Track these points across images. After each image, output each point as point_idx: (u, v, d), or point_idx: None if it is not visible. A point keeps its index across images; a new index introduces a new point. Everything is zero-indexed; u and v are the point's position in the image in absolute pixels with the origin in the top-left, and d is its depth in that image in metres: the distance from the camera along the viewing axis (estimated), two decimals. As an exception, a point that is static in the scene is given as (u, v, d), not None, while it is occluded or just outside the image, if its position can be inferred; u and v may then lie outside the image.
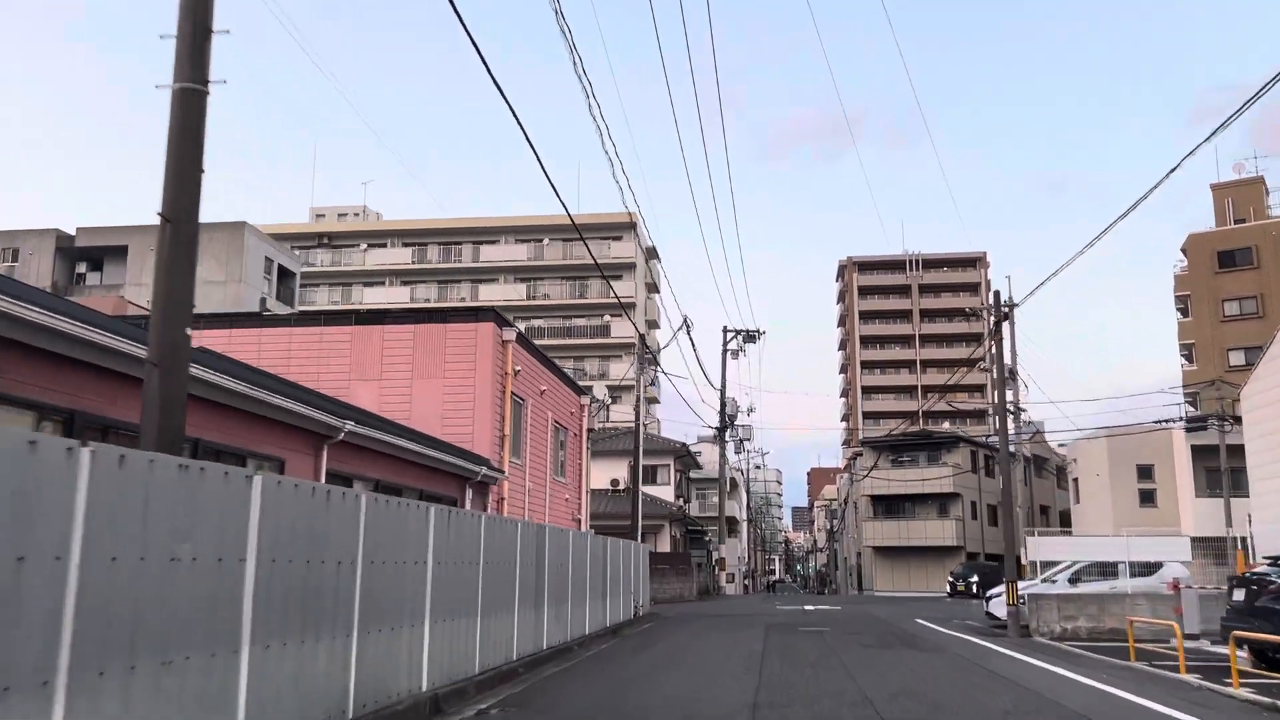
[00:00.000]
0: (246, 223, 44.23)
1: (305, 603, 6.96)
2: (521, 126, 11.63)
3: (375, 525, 8.41)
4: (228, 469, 6.03)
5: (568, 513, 25.75)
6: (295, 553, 6.80)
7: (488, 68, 9.87)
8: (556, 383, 24.84)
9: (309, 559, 7.02)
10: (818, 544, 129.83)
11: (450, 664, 10.22)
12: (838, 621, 23.68)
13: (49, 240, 45.76)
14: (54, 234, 45.75)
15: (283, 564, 6.67)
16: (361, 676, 7.90)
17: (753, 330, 47.83)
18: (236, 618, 6.03)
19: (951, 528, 56.61)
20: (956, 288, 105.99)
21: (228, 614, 5.92)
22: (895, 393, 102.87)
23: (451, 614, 10.26)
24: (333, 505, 7.66)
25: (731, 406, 47.02)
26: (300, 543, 6.90)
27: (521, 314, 65.95)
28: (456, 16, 8.66)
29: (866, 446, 63.22)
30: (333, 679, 7.43)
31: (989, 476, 61.95)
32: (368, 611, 8.13)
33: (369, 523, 8.25)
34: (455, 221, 70.04)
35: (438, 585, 9.90)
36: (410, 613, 9.19)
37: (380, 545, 8.47)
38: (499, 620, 12.10)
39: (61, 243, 46.01)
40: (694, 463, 51.70)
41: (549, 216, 65.43)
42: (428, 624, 9.59)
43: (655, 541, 41.63)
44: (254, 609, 6.28)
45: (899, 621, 24.20)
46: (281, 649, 6.61)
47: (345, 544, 7.82)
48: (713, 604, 35.34)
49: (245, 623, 6.14)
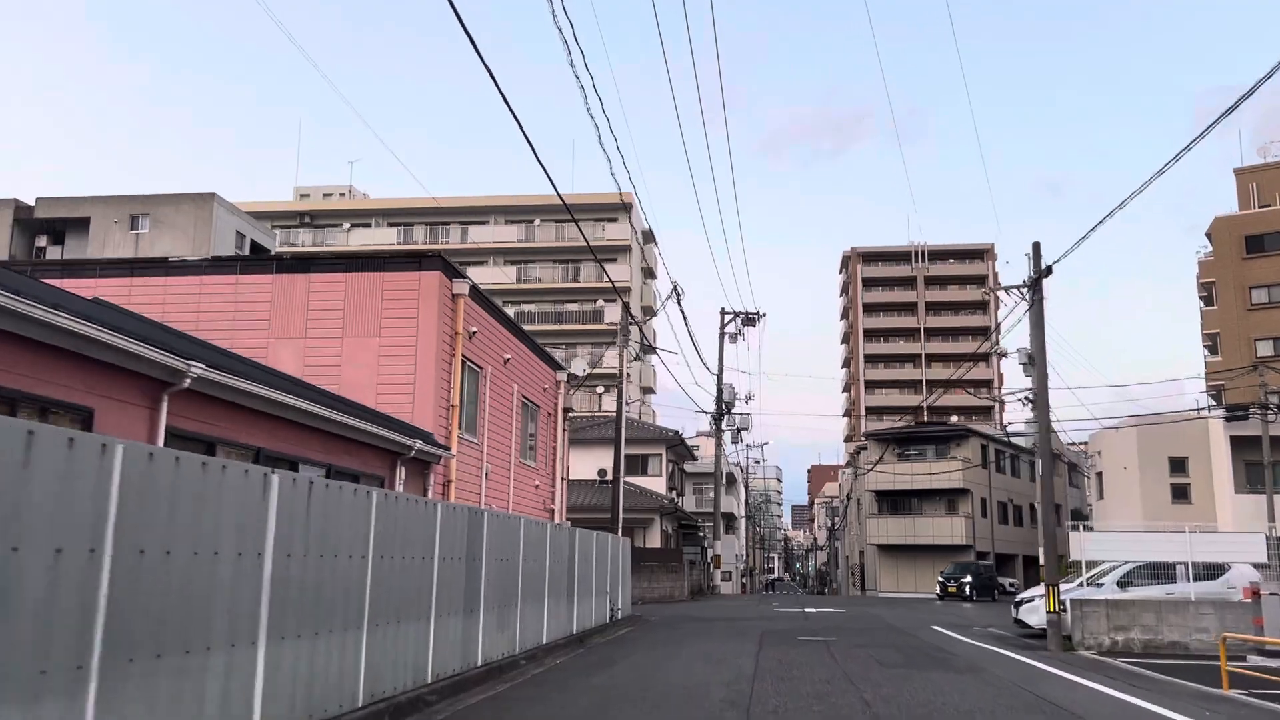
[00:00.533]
0: (216, 194, 41.18)
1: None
2: (495, 81, 8.84)
3: (148, 495, 5.39)
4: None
5: (538, 502, 22.69)
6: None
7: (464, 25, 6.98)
8: (526, 353, 21.77)
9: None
10: (817, 542, 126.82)
11: (307, 697, 7.19)
12: (843, 628, 20.64)
13: (7, 211, 42.76)
14: (12, 204, 42.82)
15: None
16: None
17: (752, 312, 44.85)
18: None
19: (960, 525, 53.46)
20: (963, 280, 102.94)
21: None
22: (899, 387, 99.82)
23: (312, 626, 7.23)
24: (39, 453, 4.64)
25: (729, 393, 43.94)
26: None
27: (511, 298, 62.88)
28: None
29: (872, 440, 60.06)
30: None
31: (1000, 472, 58.85)
32: (123, 633, 5.12)
33: (140, 489, 5.25)
34: (443, 201, 66.67)
35: (284, 586, 6.87)
36: (228, 631, 6.16)
37: (159, 525, 5.45)
38: (402, 632, 9.07)
39: (20, 214, 43.03)
40: (688, 453, 48.63)
41: (541, 196, 62.28)
42: (263, 644, 6.56)
43: (644, 536, 38.57)
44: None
45: (914, 629, 21.15)
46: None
47: (70, 521, 4.80)
48: (705, 605, 32.28)
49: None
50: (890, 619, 25.01)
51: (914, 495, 55.32)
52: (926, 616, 26.97)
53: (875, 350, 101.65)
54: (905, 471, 54.23)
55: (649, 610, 27.42)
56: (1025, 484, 61.42)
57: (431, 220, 67.16)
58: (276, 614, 6.74)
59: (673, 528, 42.96)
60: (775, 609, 29.69)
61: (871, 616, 25.93)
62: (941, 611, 30.02)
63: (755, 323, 44.89)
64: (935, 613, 29.00)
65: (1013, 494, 59.94)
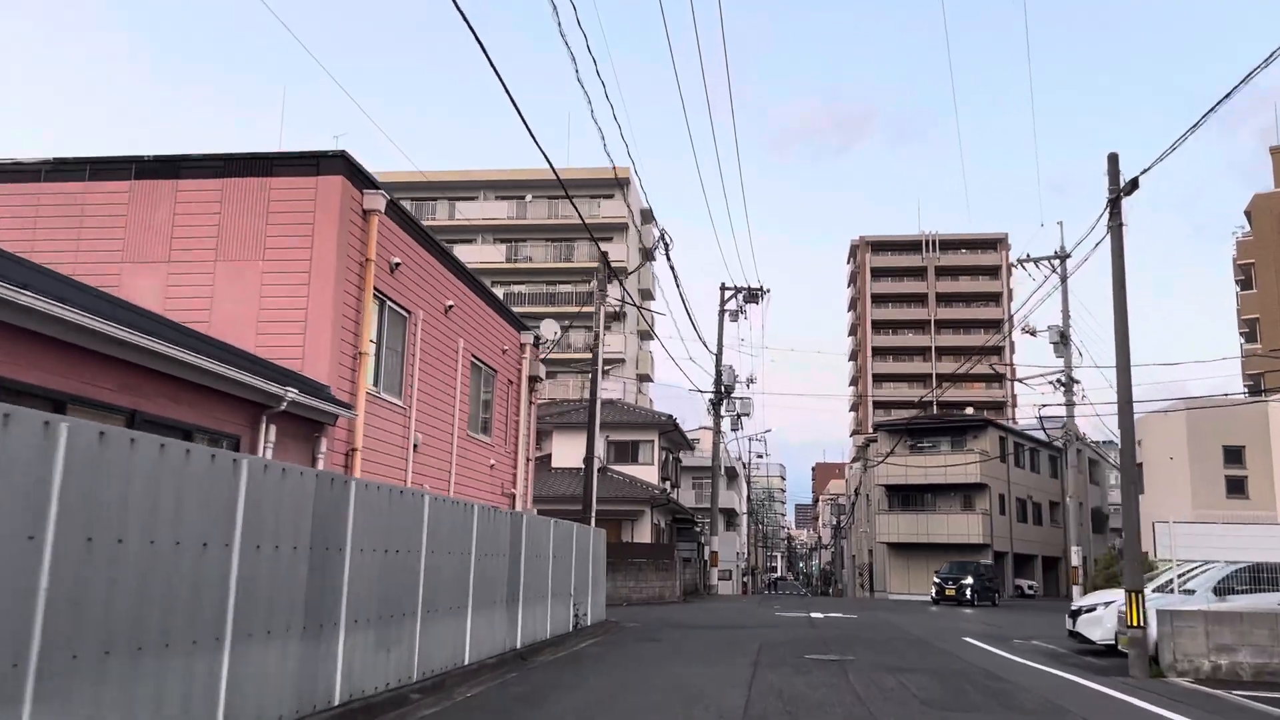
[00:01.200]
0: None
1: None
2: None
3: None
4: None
5: (493, 485, 18.94)
6: None
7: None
8: (477, 304, 18.02)
9: None
10: (822, 541, 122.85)
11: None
12: (859, 640, 16.88)
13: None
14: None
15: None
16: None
17: (755, 288, 41.08)
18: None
19: (977, 522, 49.54)
20: (975, 270, 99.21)
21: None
22: (908, 380, 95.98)
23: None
24: None
25: (729, 375, 40.17)
26: None
27: (501, 278, 59.15)
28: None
29: (883, 431, 56.19)
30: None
31: (1019, 467, 54.95)
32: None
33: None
34: (430, 175, 62.79)
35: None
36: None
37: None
38: (165, 668, 5.38)
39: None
40: (684, 441, 44.82)
41: (533, 170, 58.68)
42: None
43: (633, 530, 34.83)
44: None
45: (942, 640, 17.41)
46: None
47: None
48: (698, 608, 28.53)
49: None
50: (910, 627, 21.27)
51: (927, 490, 51.45)
52: (950, 624, 23.22)
53: (884, 343, 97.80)
54: (918, 464, 50.37)
55: (631, 614, 23.71)
56: (1045, 480, 57.52)
57: (417, 196, 63.35)
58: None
59: (665, 522, 39.21)
60: (777, 613, 25.93)
61: (888, 624, 22.19)
62: (958, 618, 26.24)
63: (758, 300, 41.11)
64: (956, 620, 25.24)
65: (1032, 490, 56.04)
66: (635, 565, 30.92)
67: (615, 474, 36.10)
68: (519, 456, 20.53)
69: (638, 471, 37.00)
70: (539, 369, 21.40)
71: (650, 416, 40.68)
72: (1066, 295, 34.42)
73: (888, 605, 35.60)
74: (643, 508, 34.77)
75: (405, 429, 14.55)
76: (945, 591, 35.31)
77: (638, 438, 38.22)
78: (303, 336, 12.11)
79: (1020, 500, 54.45)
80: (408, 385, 14.69)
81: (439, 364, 15.98)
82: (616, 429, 37.79)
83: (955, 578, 35.89)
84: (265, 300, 12.27)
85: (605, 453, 36.90)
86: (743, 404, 40.97)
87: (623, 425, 38.12)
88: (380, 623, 8.67)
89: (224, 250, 12.49)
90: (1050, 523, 57.90)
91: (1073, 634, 16.71)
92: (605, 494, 32.68)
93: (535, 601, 14.08)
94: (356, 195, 12.83)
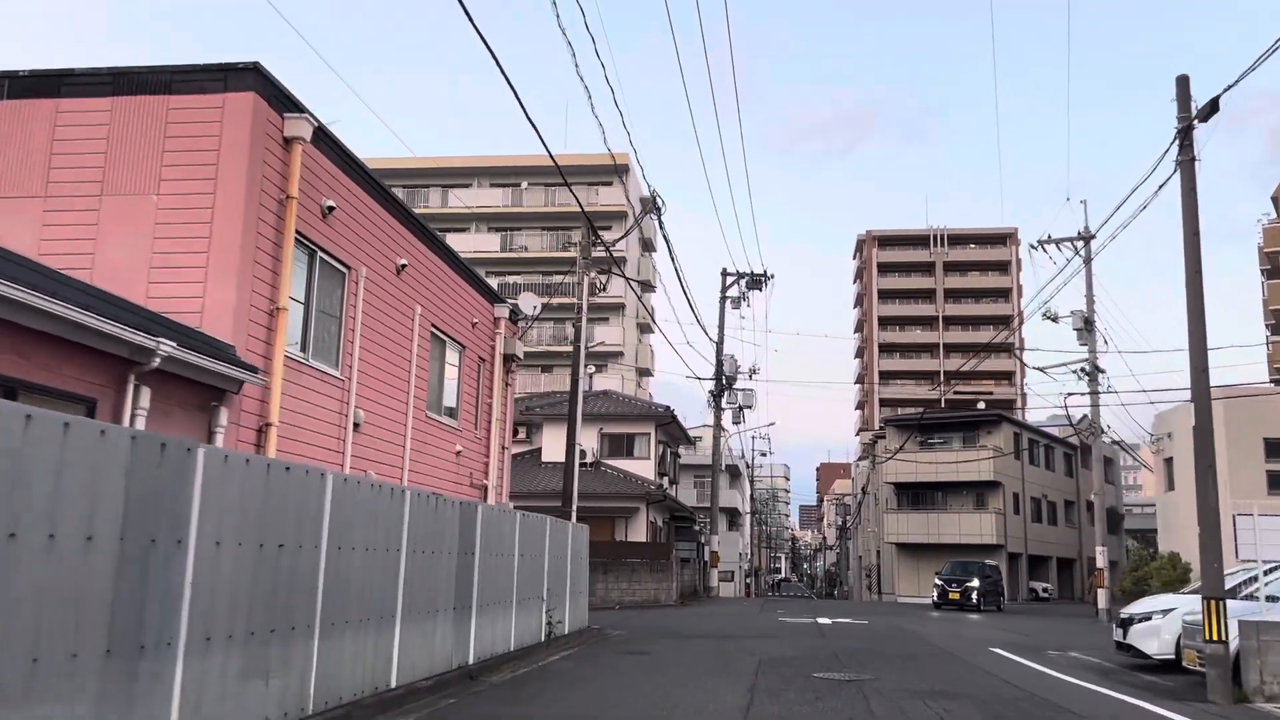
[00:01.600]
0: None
1: None
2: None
3: None
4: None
5: (460, 476, 16.73)
6: None
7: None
8: (439, 267, 15.80)
9: None
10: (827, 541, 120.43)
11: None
12: (877, 653, 14.66)
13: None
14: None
15: None
16: None
17: (758, 274, 38.84)
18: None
19: (990, 522, 47.20)
20: (985, 266, 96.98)
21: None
22: (915, 378, 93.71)
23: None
24: None
25: (730, 365, 37.97)
26: None
27: (495, 267, 56.95)
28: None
29: (891, 426, 53.91)
30: None
31: (1033, 465, 52.62)
32: None
33: None
34: (422, 161, 60.78)
35: None
36: None
37: None
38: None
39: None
40: (683, 435, 42.57)
41: (529, 157, 56.60)
42: None
43: (627, 529, 32.62)
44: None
45: (971, 653, 15.19)
46: None
47: None
48: (695, 612, 26.31)
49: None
50: (929, 635, 19.07)
51: (938, 488, 49.14)
52: (972, 631, 21.02)
53: (890, 339, 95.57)
54: (928, 461, 48.07)
55: (621, 619, 21.53)
56: (1060, 478, 55.23)
57: (409, 183, 61.14)
58: None
59: (663, 520, 37.01)
60: (780, 618, 23.70)
61: (904, 631, 19.97)
62: (977, 625, 24.03)
63: (761, 286, 38.87)
64: (975, 627, 23.02)
65: (1046, 489, 53.73)
66: (628, 566, 28.73)
67: (609, 469, 33.92)
68: (492, 444, 18.33)
69: (633, 466, 34.79)
70: (516, 347, 19.18)
71: (646, 407, 38.47)
72: (1090, 278, 32.16)
73: (898, 609, 33.32)
74: (637, 504, 32.56)
75: (342, 404, 12.35)
76: (949, 594, 32.21)
77: (633, 430, 35.98)
78: (203, 285, 9.93)
79: (1035, 499, 52.16)
80: (346, 354, 12.50)
81: (389, 332, 13.79)
82: (610, 420, 35.56)
83: (959, 579, 32.89)
84: (159, 243, 10.08)
85: (598, 446, 34.71)
86: (745, 396, 38.73)
87: (617, 417, 35.91)
88: (251, 641, 6.48)
89: (112, 183, 10.31)
90: (1065, 523, 55.63)
91: (1121, 646, 14.47)
92: (597, 489, 30.50)
93: (495, 608, 11.89)
94: (275, 118, 10.63)
